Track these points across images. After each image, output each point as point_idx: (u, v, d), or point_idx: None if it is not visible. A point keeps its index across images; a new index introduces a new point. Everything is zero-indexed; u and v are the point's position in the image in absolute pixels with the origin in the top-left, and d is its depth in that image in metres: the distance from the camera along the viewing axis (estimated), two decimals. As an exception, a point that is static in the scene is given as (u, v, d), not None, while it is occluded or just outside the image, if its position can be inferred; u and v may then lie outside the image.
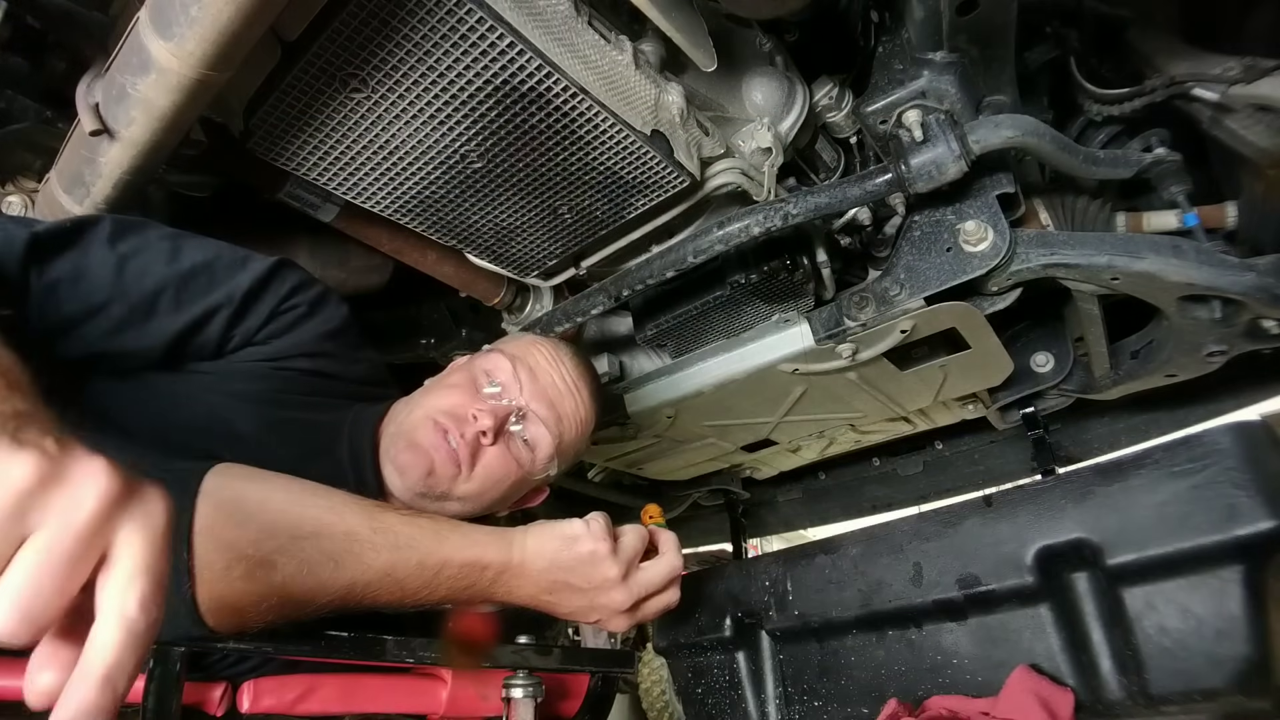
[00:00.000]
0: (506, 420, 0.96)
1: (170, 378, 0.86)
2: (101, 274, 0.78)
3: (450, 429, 0.93)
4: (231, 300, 0.85)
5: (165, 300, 0.81)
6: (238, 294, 0.86)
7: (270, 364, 0.91)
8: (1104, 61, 1.10)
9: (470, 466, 0.93)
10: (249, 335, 0.89)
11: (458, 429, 0.93)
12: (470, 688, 0.97)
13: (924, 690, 0.97)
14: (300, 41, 0.75)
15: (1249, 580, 0.78)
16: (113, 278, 0.79)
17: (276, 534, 0.70)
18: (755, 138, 1.03)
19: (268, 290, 0.89)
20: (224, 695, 0.82)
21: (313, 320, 0.94)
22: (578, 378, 1.03)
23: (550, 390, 0.99)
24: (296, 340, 0.93)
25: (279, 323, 0.91)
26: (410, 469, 0.91)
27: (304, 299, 0.93)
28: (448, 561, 0.76)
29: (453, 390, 0.98)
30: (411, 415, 0.96)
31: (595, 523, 0.84)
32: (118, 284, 0.79)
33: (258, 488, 0.72)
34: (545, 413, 0.98)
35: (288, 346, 0.92)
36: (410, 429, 0.94)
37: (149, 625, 0.38)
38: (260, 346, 0.90)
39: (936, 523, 1.00)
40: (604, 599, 0.84)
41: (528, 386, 0.98)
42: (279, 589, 0.69)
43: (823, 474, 2.11)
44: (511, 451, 0.97)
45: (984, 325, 1.12)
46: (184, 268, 0.83)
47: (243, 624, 0.70)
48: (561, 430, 1.00)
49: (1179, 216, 1.06)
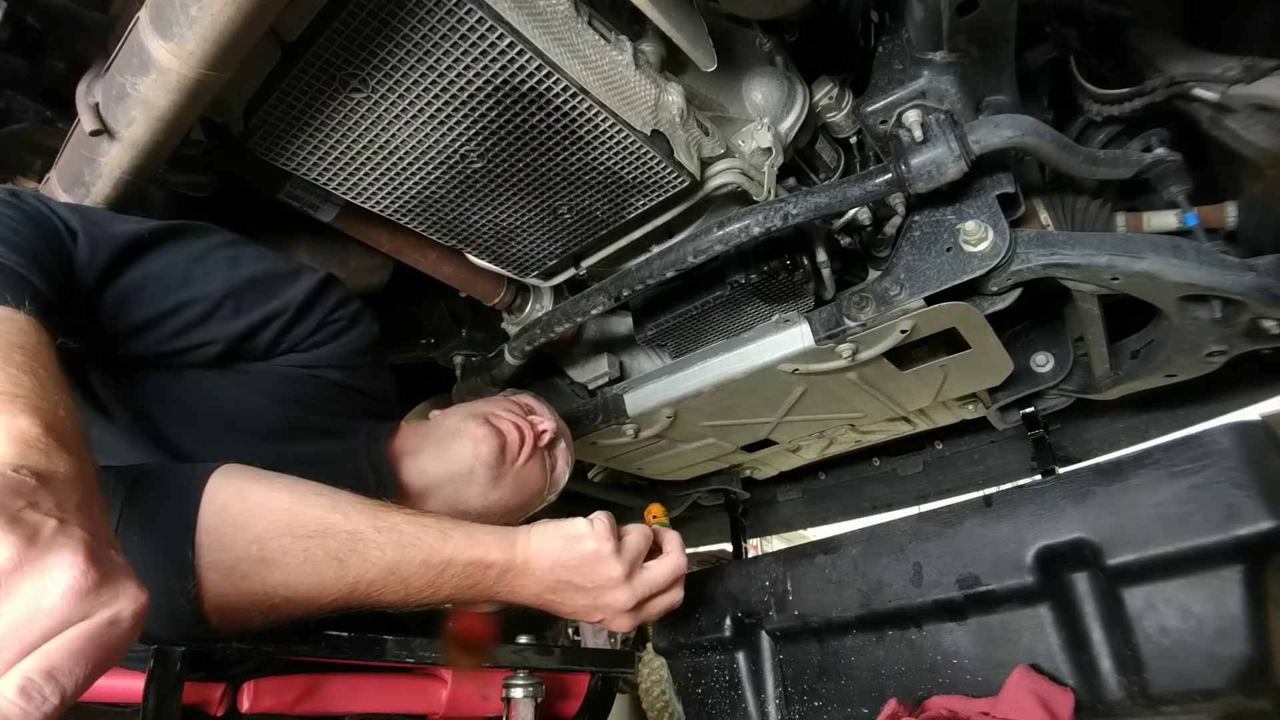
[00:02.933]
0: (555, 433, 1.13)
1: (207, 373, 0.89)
2: (171, 280, 0.82)
3: (520, 422, 1.09)
4: (287, 309, 0.90)
5: (227, 306, 0.86)
6: (293, 304, 0.90)
7: (307, 370, 0.95)
8: (1104, 61, 1.10)
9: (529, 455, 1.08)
10: (296, 342, 0.93)
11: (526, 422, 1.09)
12: (470, 688, 0.97)
13: (924, 690, 0.97)
14: (300, 41, 0.75)
15: (1249, 580, 0.78)
16: (181, 284, 0.83)
17: (280, 533, 0.70)
18: (755, 138, 1.03)
19: (319, 302, 0.94)
20: (224, 695, 0.82)
21: (350, 334, 0.98)
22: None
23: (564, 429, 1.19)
24: (334, 351, 0.97)
25: (324, 333, 0.95)
26: (486, 440, 1.03)
27: (345, 313, 0.98)
28: (452, 560, 0.77)
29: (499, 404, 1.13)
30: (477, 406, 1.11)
31: (599, 521, 0.84)
32: (185, 289, 0.83)
33: (262, 487, 0.73)
34: (566, 447, 1.17)
35: (326, 356, 0.96)
36: (484, 413, 1.08)
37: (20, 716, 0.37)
38: (302, 354, 0.94)
39: (936, 523, 0.99)
40: (608, 598, 0.84)
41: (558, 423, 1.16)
42: (283, 588, 0.69)
43: (823, 474, 2.11)
44: (545, 466, 1.12)
45: (984, 325, 1.12)
46: (244, 275, 0.87)
47: (246, 623, 0.70)
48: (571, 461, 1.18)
49: (1179, 216, 1.06)
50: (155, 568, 0.65)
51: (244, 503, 0.70)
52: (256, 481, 0.73)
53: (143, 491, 0.68)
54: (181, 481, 0.70)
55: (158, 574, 0.65)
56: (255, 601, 0.69)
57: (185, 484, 0.70)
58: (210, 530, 0.67)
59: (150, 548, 0.66)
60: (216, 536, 0.67)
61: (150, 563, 0.65)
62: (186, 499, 0.68)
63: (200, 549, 0.66)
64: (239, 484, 0.72)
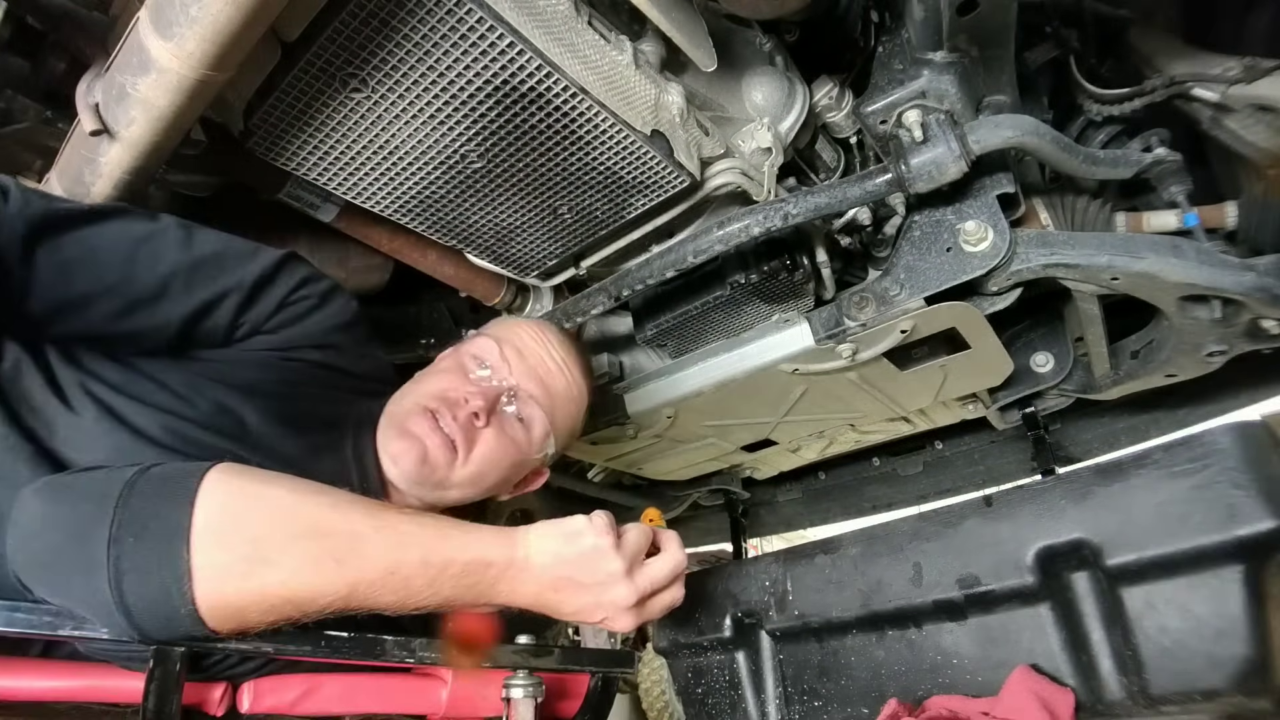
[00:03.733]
0: (498, 400, 0.97)
1: (182, 371, 0.88)
2: (115, 256, 0.80)
3: (441, 412, 0.93)
4: (241, 286, 0.87)
5: (176, 284, 0.83)
6: (248, 281, 0.87)
7: (279, 354, 0.93)
8: (1104, 61, 1.10)
9: (467, 450, 0.94)
10: (258, 323, 0.90)
11: (450, 412, 0.93)
12: (470, 688, 0.97)
13: (924, 690, 0.97)
14: (300, 41, 0.75)
15: (1249, 580, 0.78)
16: (126, 260, 0.81)
17: (278, 533, 0.69)
18: (755, 138, 1.03)
19: (277, 280, 0.91)
20: (224, 695, 0.82)
21: (322, 312, 0.96)
22: (565, 355, 1.05)
23: (539, 368, 1.01)
24: (306, 331, 0.94)
25: (288, 312, 0.92)
26: (403, 456, 0.92)
27: (314, 291, 0.95)
28: (451, 560, 0.76)
29: (441, 375, 0.99)
30: (402, 403, 0.97)
31: (598, 519, 0.84)
32: (130, 266, 0.81)
33: (258, 487, 0.72)
34: (536, 390, 1.00)
35: (297, 337, 0.93)
36: (401, 417, 0.95)
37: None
38: (270, 336, 0.92)
39: (936, 523, 0.99)
40: (609, 595, 0.83)
41: (516, 366, 0.99)
42: (281, 589, 0.69)
43: (823, 474, 2.11)
44: (507, 432, 0.98)
45: (984, 325, 1.12)
46: (196, 254, 0.85)
47: (244, 625, 0.70)
48: (554, 407, 1.02)
49: (1179, 216, 1.06)
50: (150, 569, 0.64)
51: (241, 502, 0.70)
52: (254, 480, 0.72)
53: (138, 491, 0.68)
54: (177, 480, 0.69)
55: (153, 575, 0.64)
56: (253, 602, 0.68)
57: (180, 483, 0.69)
58: (206, 530, 0.66)
59: (145, 548, 0.65)
60: (213, 537, 0.67)
61: (145, 564, 0.64)
62: (181, 498, 0.67)
63: (195, 549, 0.65)
64: (236, 482, 0.71)
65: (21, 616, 0.68)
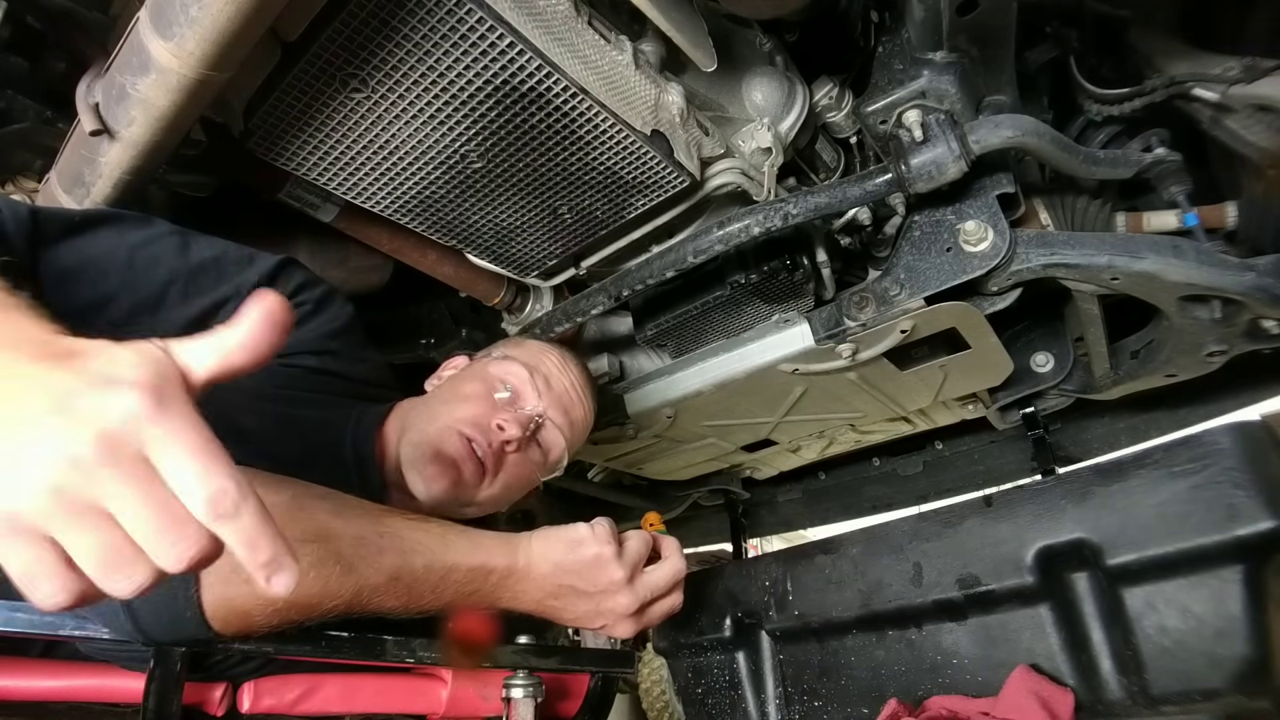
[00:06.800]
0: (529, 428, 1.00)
1: None
2: (112, 264, 0.80)
3: (477, 439, 0.95)
4: (240, 293, 0.87)
5: (174, 292, 0.84)
6: (245, 288, 0.88)
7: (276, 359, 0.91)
8: (1104, 61, 1.10)
9: (494, 474, 0.97)
10: None
11: (484, 439, 0.95)
12: (470, 688, 0.97)
13: (924, 690, 0.97)
14: (300, 41, 0.75)
15: (1249, 580, 0.78)
16: (123, 268, 0.81)
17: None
18: (755, 138, 1.03)
19: (274, 286, 0.91)
20: (224, 695, 0.82)
21: (319, 318, 0.96)
22: (583, 384, 1.09)
23: (564, 398, 1.04)
24: (302, 337, 0.94)
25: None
26: (437, 479, 0.93)
27: (310, 296, 0.95)
28: (454, 566, 0.76)
29: (473, 401, 1.00)
30: (434, 425, 0.97)
31: (600, 527, 0.85)
32: (128, 275, 0.81)
33: (263, 491, 0.72)
34: (560, 419, 1.03)
35: (293, 342, 0.93)
36: (435, 440, 0.95)
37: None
38: None
39: (936, 523, 1.00)
40: (610, 602, 0.84)
41: (545, 395, 1.02)
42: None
43: (823, 474, 2.11)
44: (530, 457, 1.01)
45: (984, 325, 1.12)
46: (193, 262, 0.85)
47: (249, 628, 0.70)
48: (573, 435, 1.06)
49: (1179, 216, 1.06)
50: None
51: None
52: (258, 484, 0.72)
53: None
54: None
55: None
56: (257, 606, 0.68)
57: None
58: None
59: None
60: None
61: None
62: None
63: None
64: None
65: (22, 616, 0.68)
